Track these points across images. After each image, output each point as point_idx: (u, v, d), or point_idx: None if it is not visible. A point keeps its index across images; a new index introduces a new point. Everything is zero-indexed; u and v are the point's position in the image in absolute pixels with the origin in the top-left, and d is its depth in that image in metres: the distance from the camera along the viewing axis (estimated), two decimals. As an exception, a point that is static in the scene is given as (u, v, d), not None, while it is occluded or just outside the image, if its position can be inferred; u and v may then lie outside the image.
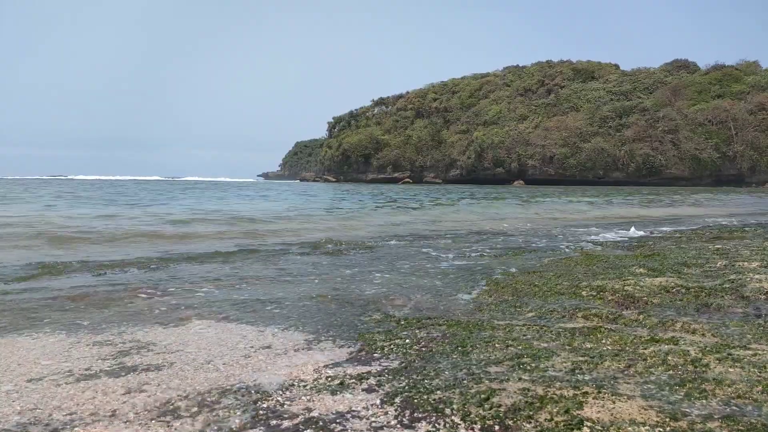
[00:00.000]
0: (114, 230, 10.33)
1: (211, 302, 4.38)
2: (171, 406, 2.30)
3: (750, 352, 2.76)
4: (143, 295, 4.63)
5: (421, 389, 2.41)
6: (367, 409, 2.23)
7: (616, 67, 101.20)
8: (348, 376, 2.63)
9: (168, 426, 2.11)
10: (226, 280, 5.36)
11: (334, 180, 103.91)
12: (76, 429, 2.09)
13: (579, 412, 2.06)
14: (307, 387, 2.51)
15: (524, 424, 2.02)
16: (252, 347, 3.17)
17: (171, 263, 6.43)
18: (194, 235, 9.96)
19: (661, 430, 1.91)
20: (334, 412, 2.21)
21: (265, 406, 2.29)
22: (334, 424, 2.09)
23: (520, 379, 2.47)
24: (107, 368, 2.80)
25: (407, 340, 3.23)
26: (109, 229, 10.44)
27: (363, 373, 2.68)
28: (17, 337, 3.34)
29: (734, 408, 2.10)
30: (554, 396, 2.22)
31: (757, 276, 4.67)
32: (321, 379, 2.62)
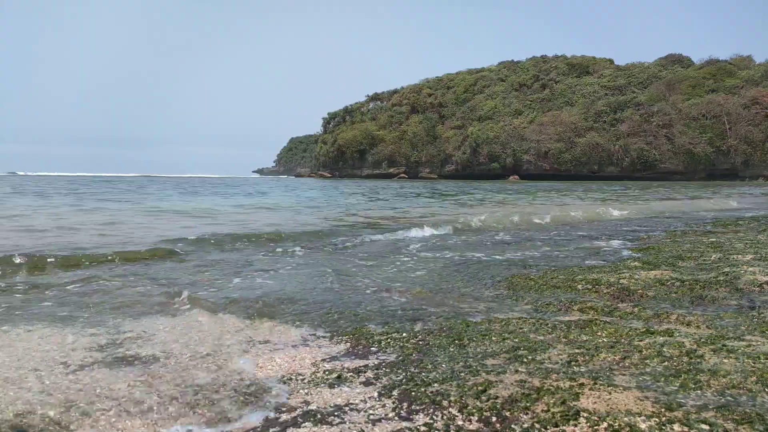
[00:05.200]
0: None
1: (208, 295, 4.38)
2: (169, 398, 2.30)
3: (744, 343, 2.78)
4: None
5: (419, 382, 2.42)
6: (365, 401, 2.24)
7: (611, 61, 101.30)
8: (345, 370, 2.64)
9: (166, 416, 2.11)
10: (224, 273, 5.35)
11: (329, 176, 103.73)
12: (73, 419, 2.08)
13: (575, 403, 2.07)
14: (305, 380, 2.51)
15: (521, 415, 2.03)
16: (250, 341, 3.17)
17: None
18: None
19: (656, 420, 1.92)
20: (332, 405, 2.22)
21: (263, 398, 2.30)
22: (332, 417, 2.10)
23: (516, 371, 2.48)
24: (104, 360, 2.80)
25: (404, 334, 3.24)
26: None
27: (360, 366, 2.69)
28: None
29: (729, 398, 2.12)
30: (551, 387, 2.24)
31: (751, 268, 4.70)
32: (319, 372, 2.63)
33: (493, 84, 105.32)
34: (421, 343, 3.06)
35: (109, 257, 6.11)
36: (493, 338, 3.06)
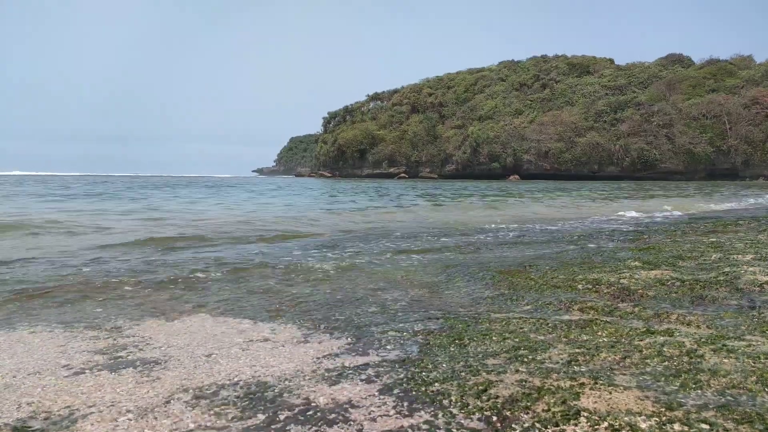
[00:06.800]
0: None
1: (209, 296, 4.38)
2: (171, 399, 2.31)
3: (744, 343, 2.78)
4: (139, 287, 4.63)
5: (419, 381, 2.42)
6: (365, 399, 2.25)
7: (611, 61, 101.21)
8: (346, 368, 2.64)
9: (168, 418, 2.12)
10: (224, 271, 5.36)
11: (329, 175, 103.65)
12: (76, 421, 2.09)
13: (576, 403, 2.08)
14: (306, 378, 2.52)
15: (522, 414, 2.03)
16: (251, 340, 3.17)
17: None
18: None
19: (656, 419, 1.93)
20: (333, 402, 2.23)
21: (264, 397, 2.30)
22: (333, 414, 2.11)
23: (517, 370, 2.48)
24: (106, 362, 2.81)
25: (404, 333, 3.24)
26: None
27: (361, 364, 2.70)
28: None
29: (729, 398, 2.12)
30: (551, 387, 2.24)
31: (751, 268, 4.70)
32: (320, 370, 2.63)
33: (494, 84, 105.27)
34: (421, 342, 3.06)
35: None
36: (494, 338, 3.06)
